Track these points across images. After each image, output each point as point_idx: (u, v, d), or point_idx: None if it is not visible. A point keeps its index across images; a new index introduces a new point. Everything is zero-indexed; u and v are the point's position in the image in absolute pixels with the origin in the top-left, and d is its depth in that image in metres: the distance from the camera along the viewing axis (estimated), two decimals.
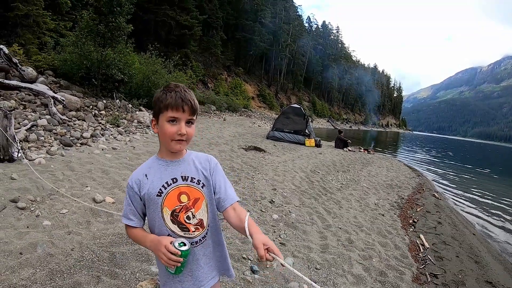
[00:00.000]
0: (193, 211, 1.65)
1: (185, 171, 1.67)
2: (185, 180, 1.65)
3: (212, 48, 44.70)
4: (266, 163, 10.30)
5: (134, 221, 1.66)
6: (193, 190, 1.66)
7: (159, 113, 1.57)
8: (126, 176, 6.07)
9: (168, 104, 1.52)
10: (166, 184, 1.62)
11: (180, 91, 1.56)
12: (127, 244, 3.75)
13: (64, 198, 4.58)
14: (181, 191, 1.63)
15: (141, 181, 1.64)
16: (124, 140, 9.28)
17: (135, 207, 1.65)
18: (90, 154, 7.13)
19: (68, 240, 3.57)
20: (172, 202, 1.61)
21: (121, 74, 13.18)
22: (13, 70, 9.81)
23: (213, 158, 1.80)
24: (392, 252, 5.16)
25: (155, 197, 1.60)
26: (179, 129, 1.54)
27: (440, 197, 10.54)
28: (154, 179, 1.63)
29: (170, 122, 1.54)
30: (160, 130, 1.59)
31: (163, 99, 1.54)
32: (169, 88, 1.57)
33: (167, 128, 1.54)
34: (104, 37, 12.57)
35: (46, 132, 7.63)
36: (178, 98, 1.53)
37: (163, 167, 1.65)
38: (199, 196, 1.67)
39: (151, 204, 1.62)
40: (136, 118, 12.33)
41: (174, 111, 1.53)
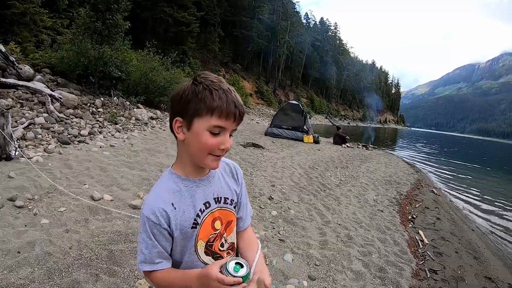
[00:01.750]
0: (225, 236, 1.38)
1: (218, 191, 1.35)
2: (218, 202, 1.34)
3: (210, 45, 44.61)
4: (265, 159, 10.30)
5: (163, 263, 1.26)
6: (226, 213, 1.37)
7: (194, 116, 1.16)
8: (124, 174, 6.04)
9: (216, 108, 1.14)
10: (200, 212, 1.28)
11: (231, 92, 1.19)
12: (126, 242, 3.73)
13: (62, 196, 4.56)
14: (215, 217, 1.33)
15: (169, 212, 1.23)
16: (122, 137, 9.23)
17: (163, 247, 1.25)
18: (88, 152, 7.09)
19: (66, 238, 3.54)
20: (207, 232, 1.30)
21: (119, 72, 13.12)
22: (10, 69, 9.73)
23: (238, 167, 1.51)
24: (391, 248, 5.15)
25: (189, 230, 1.26)
26: (223, 143, 1.19)
27: (439, 193, 10.55)
28: (185, 208, 1.26)
29: (212, 132, 1.16)
30: (194, 139, 1.19)
31: (207, 99, 1.14)
32: (213, 84, 1.17)
33: (207, 139, 1.16)
34: (101, 35, 12.56)
35: (43, 130, 7.59)
36: (230, 102, 1.16)
37: (192, 190, 1.29)
38: (231, 218, 1.40)
39: (183, 238, 1.27)
40: (134, 115, 12.29)
41: (223, 120, 1.16)
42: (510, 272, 5.36)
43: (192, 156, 1.25)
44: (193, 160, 1.27)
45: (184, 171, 1.30)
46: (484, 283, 4.69)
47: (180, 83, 1.25)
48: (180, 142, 1.26)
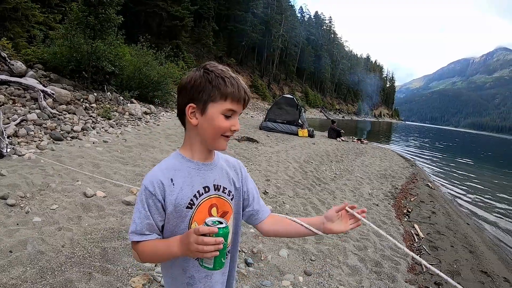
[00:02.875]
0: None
1: (218, 179, 1.38)
2: (217, 189, 1.37)
3: (204, 39, 44.46)
4: (260, 153, 10.30)
5: (153, 235, 1.28)
6: (223, 202, 1.38)
7: (208, 101, 1.24)
8: (117, 169, 5.99)
9: (229, 94, 1.24)
10: (198, 194, 1.31)
11: (239, 80, 1.30)
12: (119, 239, 3.68)
13: (54, 193, 4.49)
14: (213, 203, 1.35)
15: (167, 186, 1.27)
16: (115, 133, 9.17)
17: (155, 220, 1.27)
18: (81, 148, 7.01)
19: (59, 237, 3.48)
20: (202, 216, 1.30)
21: (112, 66, 12.99)
22: (1, 65, 9.63)
23: (242, 164, 1.55)
24: (387, 242, 5.13)
25: (184, 209, 1.28)
26: (234, 124, 1.28)
27: (434, 187, 10.61)
28: (184, 186, 1.29)
29: (225, 115, 1.25)
30: (208, 122, 1.26)
31: (221, 86, 1.23)
32: (223, 72, 1.26)
33: (221, 121, 1.25)
34: (94, 29, 12.41)
35: (36, 127, 7.50)
36: (241, 88, 1.27)
37: (195, 171, 1.33)
38: (228, 209, 1.40)
39: (176, 217, 1.28)
40: (128, 110, 12.21)
41: (235, 104, 1.26)
42: (505, 266, 5.37)
43: (204, 139, 1.31)
44: (204, 144, 1.33)
45: (191, 154, 1.35)
46: (480, 277, 4.71)
47: (189, 73, 1.32)
48: (192, 127, 1.31)
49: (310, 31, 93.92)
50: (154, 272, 3.11)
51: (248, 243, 4.12)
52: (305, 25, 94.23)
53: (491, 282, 4.63)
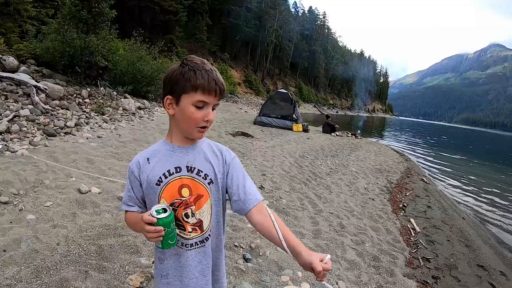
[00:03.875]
0: (193, 209, 1.43)
1: (192, 161, 1.43)
2: (190, 171, 1.41)
3: (198, 33, 44.31)
4: (254, 148, 10.26)
5: (135, 207, 1.47)
6: (197, 185, 1.41)
7: (181, 93, 1.32)
8: (112, 165, 5.90)
9: (199, 86, 1.29)
10: (168, 173, 1.40)
11: (212, 72, 1.33)
12: (115, 236, 3.61)
13: (48, 190, 4.40)
14: (183, 184, 1.41)
15: (142, 165, 1.44)
16: (109, 128, 9.05)
17: (135, 194, 1.45)
18: (75, 144, 6.89)
19: (54, 234, 3.40)
20: (171, 194, 1.40)
21: (105, 61, 12.89)
22: None
23: (230, 151, 1.54)
24: (384, 236, 5.16)
25: (154, 185, 1.40)
26: (206, 115, 1.34)
27: (429, 181, 10.66)
28: (156, 165, 1.42)
29: (196, 106, 1.32)
30: (182, 113, 1.34)
31: (191, 78, 1.29)
32: (197, 65, 1.32)
33: (193, 113, 1.32)
34: (87, 24, 12.27)
35: (28, 123, 7.39)
36: (211, 80, 1.31)
37: (169, 153, 1.43)
38: (202, 193, 1.42)
39: (150, 193, 1.42)
40: (121, 105, 12.10)
41: (206, 95, 1.31)
42: (501, 260, 5.41)
43: (181, 128, 1.41)
44: (182, 132, 1.42)
45: (171, 139, 1.46)
46: (477, 271, 4.73)
47: (171, 66, 1.40)
48: (171, 116, 1.41)
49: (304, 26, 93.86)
50: (152, 270, 3.05)
51: (246, 238, 4.07)
52: (299, 20, 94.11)
53: (488, 276, 4.65)
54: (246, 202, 1.43)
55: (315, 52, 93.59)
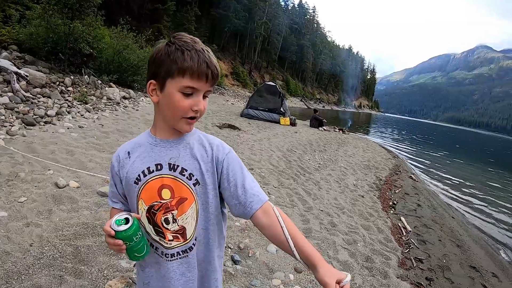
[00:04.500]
0: (175, 214, 1.21)
1: (176, 158, 1.21)
2: (173, 169, 1.20)
3: (186, 24, 43.78)
4: (242, 141, 10.08)
5: (119, 204, 1.32)
6: (180, 186, 1.20)
7: (166, 77, 1.12)
8: (92, 157, 5.58)
9: (187, 69, 1.08)
10: (148, 171, 1.21)
11: (203, 52, 1.12)
12: (93, 235, 3.31)
13: (23, 184, 4.07)
14: (164, 184, 1.20)
15: (122, 159, 1.26)
16: (92, 117, 8.72)
17: (118, 190, 1.30)
18: (55, 134, 6.55)
19: (27, 234, 3.09)
20: (150, 195, 1.20)
21: (90, 49, 12.55)
22: None
23: (224, 145, 1.30)
24: (375, 235, 5.02)
25: (132, 184, 1.22)
26: (196, 104, 1.13)
27: (417, 179, 10.61)
28: (136, 160, 1.23)
29: (184, 93, 1.11)
30: (167, 101, 1.14)
31: (177, 59, 1.09)
32: (186, 44, 1.11)
33: (179, 101, 1.12)
34: (72, 9, 11.89)
35: (7, 111, 7.01)
36: (202, 62, 1.10)
37: (150, 147, 1.24)
38: (186, 196, 1.20)
39: (129, 191, 1.25)
40: (106, 94, 11.75)
41: (195, 80, 1.10)
42: (492, 261, 5.37)
43: (165, 118, 1.21)
44: (167, 123, 1.22)
45: (155, 131, 1.26)
46: (469, 273, 4.67)
47: (156, 45, 1.19)
48: (155, 104, 1.22)
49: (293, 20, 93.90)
50: (132, 274, 2.79)
51: (234, 238, 3.86)
52: (289, 14, 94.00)
53: (480, 277, 4.60)
54: (248, 205, 1.20)
55: (304, 46, 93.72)
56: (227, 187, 1.22)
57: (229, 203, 1.24)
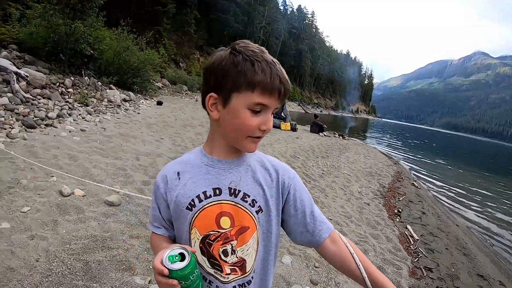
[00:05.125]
0: (234, 245, 1.08)
1: (237, 182, 1.09)
2: (234, 195, 1.08)
3: (185, 26, 43.73)
4: None
5: (161, 229, 1.18)
6: (242, 214, 1.08)
7: (232, 91, 0.99)
8: (97, 163, 5.44)
9: (258, 83, 0.97)
10: (204, 195, 1.07)
11: (274, 64, 1.01)
12: (103, 249, 3.13)
13: (26, 191, 3.88)
14: (223, 211, 1.07)
15: (170, 180, 1.12)
16: (93, 120, 8.62)
17: (162, 214, 1.16)
18: (56, 137, 6.39)
19: (32, 248, 2.90)
20: (206, 223, 1.07)
21: (91, 50, 12.47)
22: None
23: (289, 169, 1.19)
24: (385, 245, 4.97)
25: (184, 209, 1.08)
26: (265, 123, 1.02)
27: (419, 186, 10.58)
28: (189, 183, 1.09)
29: (253, 110, 0.99)
30: (231, 118, 1.02)
31: (247, 71, 0.97)
32: (255, 54, 0.99)
33: (247, 118, 0.99)
34: (73, 9, 11.81)
35: (7, 112, 6.87)
36: (274, 75, 0.98)
37: (206, 168, 1.10)
38: (248, 224, 1.09)
39: (179, 218, 1.11)
40: (106, 97, 11.67)
41: (266, 96, 0.98)
42: (498, 269, 5.45)
43: (227, 137, 1.08)
44: (228, 141, 1.09)
45: (210, 149, 1.13)
46: (478, 281, 4.70)
47: (215, 52, 1.07)
48: (214, 121, 1.09)
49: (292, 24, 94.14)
50: None
51: None
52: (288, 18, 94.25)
53: (489, 286, 4.64)
54: (316, 234, 1.13)
55: (302, 50, 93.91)
56: (294, 214, 1.13)
57: (294, 230, 1.15)
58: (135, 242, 3.33)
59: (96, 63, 14.07)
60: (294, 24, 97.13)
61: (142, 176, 5.37)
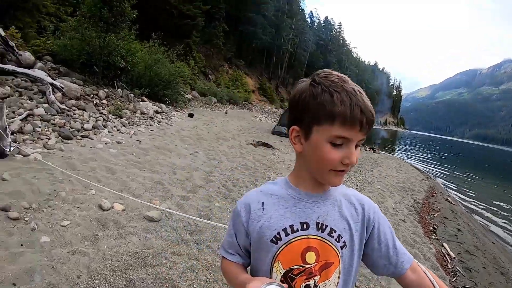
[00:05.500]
0: (317, 280, 1.05)
1: (324, 216, 1.06)
2: (321, 230, 1.05)
3: (214, 39, 44.14)
4: (278, 161, 9.91)
5: (236, 257, 1.17)
6: (328, 250, 1.05)
7: (312, 124, 0.98)
8: (134, 176, 5.48)
9: (337, 115, 0.93)
10: (291, 229, 1.05)
11: (355, 94, 0.96)
12: (146, 266, 3.09)
13: (65, 204, 3.90)
14: (310, 246, 1.04)
15: (254, 210, 1.10)
16: (128, 132, 8.73)
17: (238, 241, 1.15)
18: (93, 149, 6.48)
19: (73, 263, 2.87)
20: (292, 257, 1.04)
21: (124, 62, 12.68)
22: (9, 55, 9.26)
23: (371, 201, 1.18)
24: (423, 263, 4.81)
25: (268, 242, 1.06)
26: (347, 156, 0.97)
27: (454, 202, 10.32)
28: (274, 214, 1.07)
29: (333, 143, 0.96)
30: (312, 151, 1.00)
31: (326, 103, 0.95)
32: (334, 85, 0.97)
33: (328, 152, 0.96)
34: (107, 23, 12.08)
35: (43, 123, 7.00)
36: (354, 106, 0.94)
37: (293, 201, 1.08)
38: (333, 260, 1.06)
39: (260, 250, 1.09)
40: (139, 108, 11.83)
41: (346, 129, 0.94)
42: None
43: (310, 169, 1.06)
44: (312, 175, 1.07)
45: (296, 181, 1.11)
46: None
47: (297, 83, 1.10)
48: (298, 153, 1.08)
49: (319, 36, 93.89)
50: None
51: None
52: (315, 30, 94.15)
53: None
54: (399, 265, 1.10)
55: (330, 62, 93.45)
56: (378, 248, 1.11)
57: (377, 264, 1.12)
58: (178, 260, 3.30)
59: (128, 75, 14.29)
60: (322, 36, 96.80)
61: (180, 190, 5.37)
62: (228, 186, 6.25)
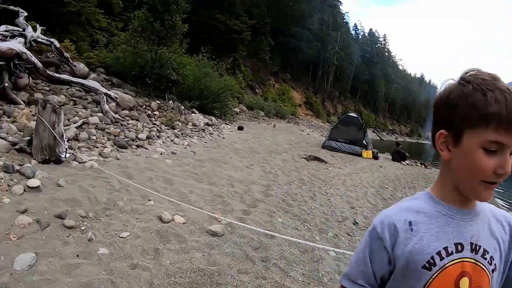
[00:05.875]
0: None
1: (478, 236, 0.91)
2: (475, 251, 0.90)
3: (260, 53, 44.43)
4: (332, 175, 9.47)
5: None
6: (481, 274, 0.90)
7: (463, 127, 0.85)
8: (192, 188, 5.23)
9: (492, 116, 0.79)
10: (445, 252, 0.89)
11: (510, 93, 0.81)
12: (211, 284, 2.80)
13: (123, 214, 3.68)
14: (465, 271, 0.89)
15: (401, 231, 0.93)
16: (182, 143, 8.68)
17: (374, 270, 0.97)
18: (148, 159, 6.36)
19: (134, 279, 2.60)
20: (445, 284, 0.89)
21: (176, 74, 12.74)
22: (64, 65, 9.48)
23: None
24: None
25: (420, 268, 0.89)
26: (502, 166, 0.82)
27: None
28: (426, 235, 0.91)
29: (486, 149, 0.82)
30: (462, 159, 0.86)
31: (479, 103, 0.81)
32: (486, 83, 0.82)
33: (480, 160, 0.82)
34: (159, 36, 12.20)
35: (98, 131, 7.01)
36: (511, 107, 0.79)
37: (445, 219, 0.92)
38: (484, 285, 0.91)
39: (408, 277, 0.91)
40: (191, 120, 11.86)
41: (502, 133, 0.80)
42: None
43: (457, 181, 0.91)
44: (458, 186, 0.91)
45: (441, 195, 0.96)
46: None
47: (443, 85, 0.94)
48: (444, 162, 0.94)
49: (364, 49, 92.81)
50: None
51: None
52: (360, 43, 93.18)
53: None
54: None
55: (375, 75, 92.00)
56: None
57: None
58: (245, 279, 3.00)
59: (179, 87, 14.44)
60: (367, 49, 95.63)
61: (239, 204, 5.11)
62: (287, 201, 5.91)
